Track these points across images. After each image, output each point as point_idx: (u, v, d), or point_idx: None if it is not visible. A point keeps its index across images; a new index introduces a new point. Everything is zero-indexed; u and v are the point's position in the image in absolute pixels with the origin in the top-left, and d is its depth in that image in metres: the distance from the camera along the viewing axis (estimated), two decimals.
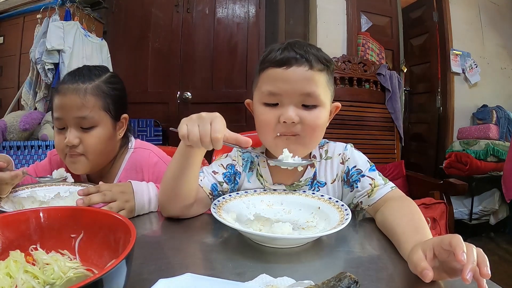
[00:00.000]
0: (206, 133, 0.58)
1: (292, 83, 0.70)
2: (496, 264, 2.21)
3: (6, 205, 0.73)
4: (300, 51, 0.70)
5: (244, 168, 0.82)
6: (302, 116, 0.71)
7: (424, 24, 3.22)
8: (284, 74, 0.70)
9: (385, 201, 0.71)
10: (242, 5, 2.82)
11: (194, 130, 0.59)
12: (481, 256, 0.41)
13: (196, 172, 0.71)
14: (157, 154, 0.97)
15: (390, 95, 2.55)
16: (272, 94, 0.71)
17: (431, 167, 3.15)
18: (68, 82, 0.85)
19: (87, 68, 0.91)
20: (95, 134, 0.85)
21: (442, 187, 1.94)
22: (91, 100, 0.84)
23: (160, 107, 2.82)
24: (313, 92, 0.70)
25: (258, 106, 0.75)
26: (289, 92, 0.70)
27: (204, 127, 0.59)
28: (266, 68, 0.73)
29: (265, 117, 0.73)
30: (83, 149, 0.84)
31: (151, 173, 0.93)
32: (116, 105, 0.89)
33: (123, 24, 2.81)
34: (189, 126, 0.60)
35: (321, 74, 0.72)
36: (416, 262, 0.44)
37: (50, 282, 0.43)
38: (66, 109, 0.83)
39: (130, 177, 0.86)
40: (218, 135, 0.58)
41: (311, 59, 0.70)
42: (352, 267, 0.52)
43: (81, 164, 0.86)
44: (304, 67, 0.70)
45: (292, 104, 0.71)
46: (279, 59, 0.71)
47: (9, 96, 2.54)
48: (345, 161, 0.79)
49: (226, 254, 0.57)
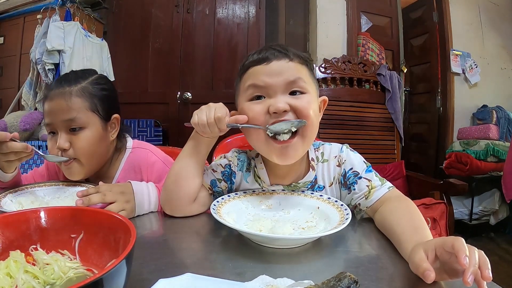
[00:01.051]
0: (210, 115, 0.69)
1: (275, 75, 0.69)
2: (496, 264, 2.21)
3: (6, 205, 0.73)
4: (278, 48, 0.72)
5: (241, 168, 0.82)
6: (292, 103, 0.68)
7: (424, 24, 3.22)
8: (265, 68, 0.70)
9: (383, 202, 0.71)
10: (242, 5, 2.82)
11: (202, 116, 0.70)
12: (483, 258, 0.41)
13: (202, 164, 0.76)
14: (156, 153, 0.96)
15: (390, 95, 2.55)
16: (255, 86, 0.70)
17: (431, 167, 3.15)
18: (55, 88, 0.85)
19: (73, 72, 0.92)
20: (84, 136, 0.84)
21: (442, 187, 1.94)
22: (77, 102, 0.83)
23: (160, 107, 2.82)
24: (298, 78, 0.69)
25: (243, 104, 0.73)
26: (273, 84, 0.69)
27: (210, 112, 0.70)
28: (247, 69, 0.73)
29: (253, 112, 0.69)
30: (74, 153, 0.83)
31: (150, 173, 0.92)
32: (104, 105, 0.88)
33: (123, 24, 2.81)
34: (198, 114, 0.70)
35: (302, 66, 0.72)
36: (418, 263, 0.44)
37: (50, 282, 0.43)
38: (54, 114, 0.83)
39: (128, 178, 0.86)
40: (219, 115, 0.69)
41: (290, 53, 0.71)
42: (352, 267, 0.52)
43: (75, 169, 0.84)
44: (284, 60, 0.70)
45: (278, 93, 0.69)
46: (258, 57, 0.71)
47: (10, 97, 2.54)
48: (342, 164, 0.78)
49: (226, 254, 0.57)
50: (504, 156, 2.48)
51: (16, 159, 0.78)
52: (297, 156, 0.72)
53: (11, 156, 0.77)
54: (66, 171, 0.86)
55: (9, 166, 0.80)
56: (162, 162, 0.94)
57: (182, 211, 0.75)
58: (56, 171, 1.01)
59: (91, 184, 0.88)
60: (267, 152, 0.72)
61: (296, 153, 0.70)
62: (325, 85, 2.51)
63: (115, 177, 0.94)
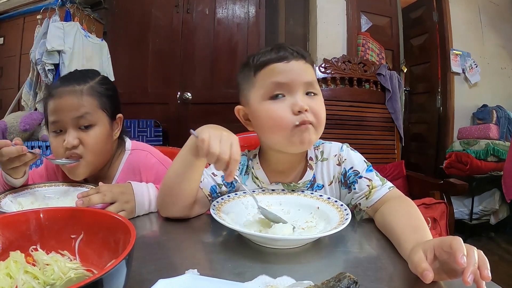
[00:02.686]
0: (226, 151, 0.60)
1: (295, 74, 0.73)
2: (496, 264, 2.21)
3: (6, 206, 0.73)
4: (293, 49, 0.75)
5: (241, 172, 0.82)
6: (309, 104, 0.72)
7: (424, 24, 3.22)
8: (287, 66, 0.73)
9: (383, 202, 0.71)
10: (242, 5, 2.82)
11: (215, 144, 0.60)
12: (482, 258, 0.41)
13: (199, 175, 0.73)
14: (154, 155, 0.96)
15: (390, 95, 2.55)
16: (279, 84, 0.72)
17: (431, 167, 3.15)
18: (63, 85, 0.85)
19: (79, 71, 0.94)
20: (94, 134, 0.85)
21: (442, 187, 1.94)
22: (88, 100, 0.85)
23: (160, 108, 2.82)
24: (314, 80, 0.75)
25: (262, 104, 0.73)
26: (295, 81, 0.73)
27: (225, 145, 0.61)
28: (265, 65, 0.74)
29: (278, 112, 0.72)
30: (83, 150, 0.83)
31: (149, 175, 0.92)
32: (111, 104, 0.90)
33: (123, 24, 2.81)
34: (212, 139, 0.61)
35: (312, 68, 0.78)
36: (417, 263, 0.44)
37: (50, 282, 0.43)
38: (64, 111, 0.82)
39: (128, 179, 0.85)
40: (237, 157, 0.61)
41: (304, 55, 0.76)
42: (352, 267, 0.52)
43: (81, 166, 0.84)
44: (301, 60, 0.75)
45: (299, 92, 0.73)
46: (277, 55, 0.74)
47: (10, 97, 2.54)
48: (342, 163, 0.79)
49: (225, 255, 0.57)
50: (504, 156, 2.48)
51: (20, 164, 0.77)
52: (312, 141, 0.75)
53: (15, 162, 0.76)
54: (70, 171, 0.86)
55: (16, 172, 0.78)
56: (161, 163, 0.94)
57: (180, 215, 0.73)
58: (55, 171, 1.00)
59: (91, 184, 0.88)
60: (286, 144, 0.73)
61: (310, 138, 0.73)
62: (325, 85, 2.50)
63: (114, 178, 0.94)
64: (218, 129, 0.64)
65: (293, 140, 0.72)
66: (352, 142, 0.87)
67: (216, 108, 2.75)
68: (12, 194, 0.81)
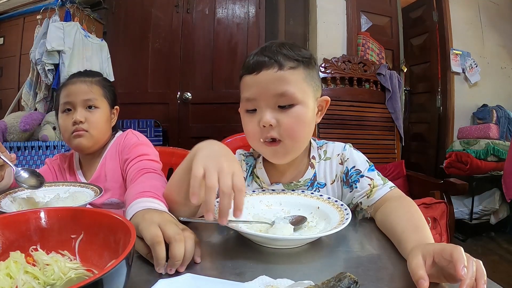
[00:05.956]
0: (228, 186, 0.50)
1: (263, 87, 0.70)
2: (496, 263, 2.21)
3: (6, 206, 0.73)
4: (269, 54, 0.71)
5: (247, 173, 0.82)
6: (278, 119, 0.70)
7: (424, 24, 3.22)
8: (255, 79, 0.71)
9: (384, 201, 0.71)
10: (242, 5, 2.82)
11: (212, 177, 0.50)
12: (480, 269, 0.41)
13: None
14: (138, 136, 1.06)
15: (390, 95, 2.55)
16: (248, 100, 0.73)
17: (432, 167, 3.15)
18: (76, 77, 1.05)
19: (87, 70, 1.15)
20: (97, 114, 1.03)
21: (443, 186, 1.93)
22: (95, 88, 1.04)
23: (160, 108, 2.82)
24: (286, 91, 0.69)
25: (242, 114, 0.77)
26: (262, 96, 0.70)
27: (226, 180, 0.50)
28: (242, 76, 0.75)
29: (248, 126, 0.75)
30: (88, 126, 1.00)
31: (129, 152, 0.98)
32: (111, 96, 1.10)
33: (123, 24, 2.81)
34: (207, 172, 0.51)
35: (294, 72, 0.71)
36: (414, 269, 0.44)
37: (50, 282, 0.43)
38: (75, 94, 1.00)
39: (113, 155, 1.03)
40: (244, 189, 0.51)
41: (280, 59, 0.70)
42: (352, 267, 0.52)
43: (85, 138, 1.00)
44: (273, 69, 0.70)
45: (268, 107, 0.71)
46: (250, 65, 0.72)
47: (9, 97, 2.54)
48: (344, 162, 0.79)
49: (226, 255, 0.57)
50: (504, 156, 2.48)
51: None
52: (288, 157, 0.75)
53: None
54: (77, 140, 0.99)
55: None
56: (142, 143, 1.01)
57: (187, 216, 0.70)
58: (55, 172, 1.04)
59: (91, 185, 0.88)
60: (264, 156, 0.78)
61: (286, 154, 0.74)
62: (325, 85, 2.50)
63: (103, 155, 1.06)
64: (217, 162, 0.52)
65: (266, 153, 0.76)
66: (352, 142, 0.87)
67: (216, 108, 2.75)
68: (12, 194, 0.81)
